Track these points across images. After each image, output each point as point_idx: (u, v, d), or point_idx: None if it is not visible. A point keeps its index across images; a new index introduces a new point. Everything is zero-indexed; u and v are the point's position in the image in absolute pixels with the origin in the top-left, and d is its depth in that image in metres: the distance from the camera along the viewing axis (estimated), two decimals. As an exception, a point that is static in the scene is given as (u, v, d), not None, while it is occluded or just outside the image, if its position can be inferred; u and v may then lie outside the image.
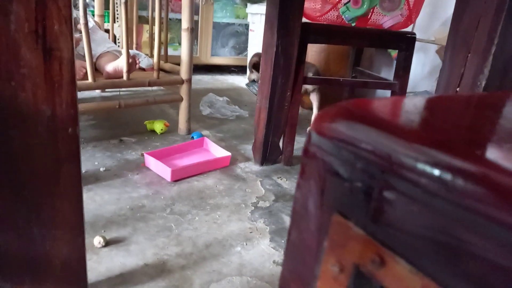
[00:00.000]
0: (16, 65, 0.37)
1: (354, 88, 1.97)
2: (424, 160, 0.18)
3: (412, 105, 0.26)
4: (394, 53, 2.57)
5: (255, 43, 2.93)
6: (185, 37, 1.67)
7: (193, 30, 1.69)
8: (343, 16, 1.67)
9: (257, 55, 2.28)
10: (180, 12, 3.02)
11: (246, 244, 1.03)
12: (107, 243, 0.97)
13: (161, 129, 1.79)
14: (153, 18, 1.93)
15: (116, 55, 1.74)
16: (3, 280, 0.44)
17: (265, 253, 1.00)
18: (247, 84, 2.42)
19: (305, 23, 1.42)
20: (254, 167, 1.55)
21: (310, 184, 0.23)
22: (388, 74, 2.56)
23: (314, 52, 2.39)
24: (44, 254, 0.45)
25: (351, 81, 1.66)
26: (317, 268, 0.24)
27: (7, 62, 0.37)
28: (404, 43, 1.52)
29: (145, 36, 3.13)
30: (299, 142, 1.79)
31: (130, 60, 1.53)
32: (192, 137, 1.74)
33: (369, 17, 1.80)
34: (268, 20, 1.39)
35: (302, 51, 1.45)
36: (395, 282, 0.19)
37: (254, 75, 2.26)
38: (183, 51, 1.69)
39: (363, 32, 1.55)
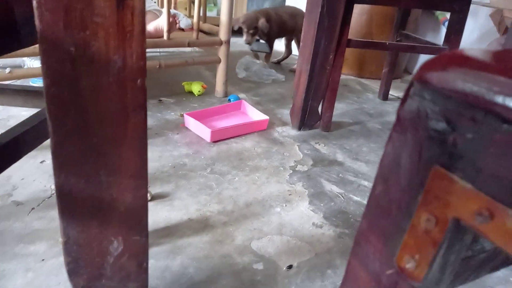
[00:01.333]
0: (91, 13, 0.38)
1: (399, 52, 1.89)
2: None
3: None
4: (441, 16, 2.43)
5: (293, 4, 2.84)
6: (225, -3, 1.64)
7: (233, -11, 1.65)
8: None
9: (246, 16, 2.23)
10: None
11: (285, 206, 1.05)
12: (153, 198, 1.01)
13: (199, 91, 1.80)
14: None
15: (156, 14, 1.73)
16: (73, 222, 0.46)
17: (304, 215, 1.02)
18: (252, 49, 2.35)
19: (353, -19, 1.35)
20: (291, 131, 1.54)
21: (406, 137, 0.22)
22: (434, 38, 2.43)
23: (355, 14, 2.29)
24: (110, 200, 0.47)
25: (398, 45, 1.59)
26: (406, 222, 0.24)
27: (82, 10, 0.37)
28: (458, 4, 1.42)
29: (181, -4, 3.08)
30: (337, 108, 1.76)
31: (171, 20, 1.52)
32: (229, 100, 1.74)
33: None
34: (314, -22, 1.33)
35: (348, 12, 1.39)
36: (503, 236, 0.19)
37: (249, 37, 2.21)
38: (223, 12, 1.66)
39: (414, -8, 1.46)
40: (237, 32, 3.44)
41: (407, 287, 0.25)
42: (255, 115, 1.57)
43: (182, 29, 1.84)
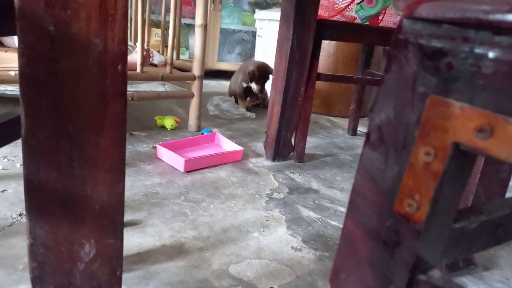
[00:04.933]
0: (74, -8, 0.37)
1: (364, 90, 1.98)
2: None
3: None
4: (401, 59, 2.59)
5: (263, 49, 2.96)
6: (198, 34, 1.69)
7: (206, 27, 1.71)
8: (356, 16, 1.69)
9: (252, 64, 2.20)
10: (187, 17, 3.06)
11: (263, 231, 1.02)
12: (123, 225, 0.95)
13: (172, 125, 1.78)
14: (165, 21, 1.95)
15: (129, 49, 1.75)
16: (42, 220, 0.43)
17: (283, 239, 0.99)
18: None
19: (321, 19, 1.44)
20: (266, 162, 1.54)
21: (399, 75, 0.23)
22: (395, 80, 2.57)
23: (322, 56, 2.41)
24: (84, 196, 0.44)
25: (365, 79, 1.67)
26: (403, 164, 0.23)
27: (64, -12, 0.37)
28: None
29: (153, 39, 3.15)
30: (309, 142, 1.79)
31: (145, 53, 1.54)
32: (202, 133, 1.74)
33: (381, 18, 1.82)
34: (284, 14, 1.40)
35: (317, 47, 1.46)
36: (506, 147, 0.18)
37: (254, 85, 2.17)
38: (196, 47, 1.70)
39: (378, 29, 1.56)
40: (208, 75, 3.50)
41: (409, 234, 0.24)
42: (229, 146, 1.56)
43: (155, 65, 1.86)
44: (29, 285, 0.71)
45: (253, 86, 2.19)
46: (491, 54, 0.19)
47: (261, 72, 2.17)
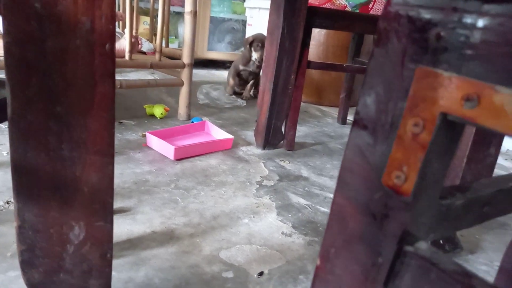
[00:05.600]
0: (60, -32, 0.36)
1: (355, 75, 1.99)
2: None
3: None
4: (391, 48, 2.60)
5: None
6: (188, 20, 1.67)
7: (196, 14, 1.69)
8: (346, 3, 1.69)
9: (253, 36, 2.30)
10: (177, 5, 3.02)
11: (254, 217, 1.02)
12: (113, 212, 0.95)
13: (161, 114, 1.77)
14: (154, 9, 1.92)
15: (118, 36, 1.72)
16: (30, 203, 0.42)
17: (273, 225, 1.00)
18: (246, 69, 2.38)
19: (311, 6, 1.43)
20: (256, 150, 1.54)
21: (388, 48, 0.23)
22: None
23: (312, 46, 2.41)
24: (73, 179, 0.43)
25: (355, 67, 1.67)
26: (391, 137, 0.23)
27: (50, -36, 0.36)
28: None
29: (142, 28, 3.11)
30: (299, 131, 1.79)
31: (133, 40, 1.52)
32: (192, 122, 1.73)
33: (371, 6, 1.82)
34: (275, 1, 1.39)
35: (308, 35, 1.45)
36: (492, 115, 0.19)
37: (256, 55, 2.27)
38: (186, 34, 1.68)
39: (369, 17, 1.56)
40: (198, 65, 3.48)
41: (397, 206, 0.24)
42: (219, 135, 1.56)
43: (144, 53, 1.84)
44: (18, 272, 0.71)
45: (253, 55, 2.28)
46: (479, 23, 0.19)
47: (260, 40, 2.24)
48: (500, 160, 1.79)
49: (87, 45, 0.40)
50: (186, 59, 1.72)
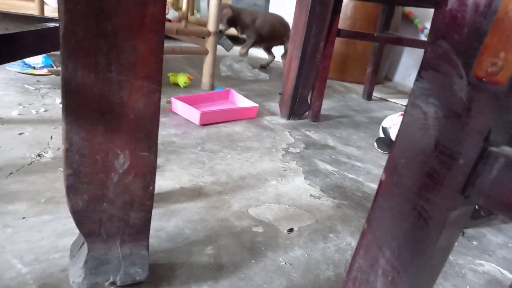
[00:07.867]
0: None
1: (383, 50, 1.93)
2: None
3: None
4: (420, 24, 2.52)
5: (277, 10, 2.88)
6: (215, -13, 1.63)
7: (223, -19, 1.65)
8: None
9: (229, 6, 2.24)
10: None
11: (281, 179, 1.01)
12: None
13: (185, 82, 1.76)
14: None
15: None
16: (78, 125, 0.42)
17: (301, 188, 0.99)
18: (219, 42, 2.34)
19: (343, -29, 1.38)
20: (280, 120, 1.52)
21: None
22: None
23: (340, 19, 2.34)
24: (120, 104, 0.43)
25: (386, 37, 1.62)
26: (487, 24, 0.22)
27: None
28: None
29: None
30: (324, 104, 1.76)
31: (160, 5, 1.50)
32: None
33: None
34: (306, -35, 1.35)
35: (339, 1, 1.41)
36: None
37: (222, 26, 2.22)
38: (212, 2, 1.66)
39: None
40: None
41: (486, 99, 0.22)
42: (244, 103, 1.55)
43: (170, 20, 1.82)
44: (51, 216, 0.72)
45: (222, 27, 2.26)
46: None
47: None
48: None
49: (140, -40, 0.38)
50: (211, 27, 1.69)
